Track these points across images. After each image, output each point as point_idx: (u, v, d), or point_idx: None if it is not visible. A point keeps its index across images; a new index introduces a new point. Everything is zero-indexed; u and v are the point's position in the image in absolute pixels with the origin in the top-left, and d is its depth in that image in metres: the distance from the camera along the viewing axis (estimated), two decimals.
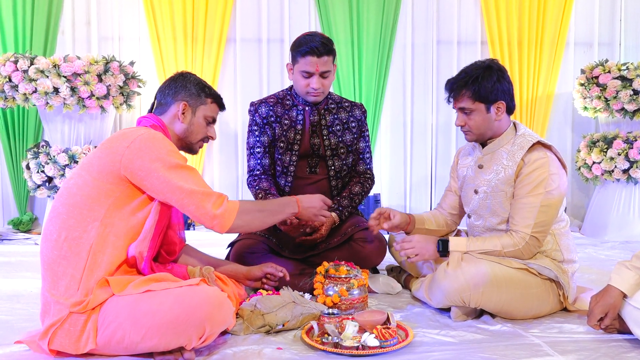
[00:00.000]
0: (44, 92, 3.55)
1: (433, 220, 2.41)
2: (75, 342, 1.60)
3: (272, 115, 2.55)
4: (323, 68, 2.41)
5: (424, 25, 4.60)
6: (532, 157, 2.06)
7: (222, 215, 1.73)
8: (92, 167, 1.70)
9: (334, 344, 1.73)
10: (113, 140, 1.74)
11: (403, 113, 4.63)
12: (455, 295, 1.98)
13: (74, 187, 1.70)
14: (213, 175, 4.51)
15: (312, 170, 2.59)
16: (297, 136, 2.54)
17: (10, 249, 3.56)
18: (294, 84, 2.53)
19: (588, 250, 3.54)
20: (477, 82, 2.06)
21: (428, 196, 4.68)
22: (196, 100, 1.91)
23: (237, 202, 1.80)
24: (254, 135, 2.57)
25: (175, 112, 1.89)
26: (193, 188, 1.70)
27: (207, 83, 1.98)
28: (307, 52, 2.38)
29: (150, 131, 1.75)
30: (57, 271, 1.64)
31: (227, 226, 1.76)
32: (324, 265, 2.21)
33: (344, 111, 2.63)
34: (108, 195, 1.67)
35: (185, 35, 4.33)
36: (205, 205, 1.71)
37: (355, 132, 2.63)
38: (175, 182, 1.68)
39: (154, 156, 1.68)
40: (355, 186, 2.61)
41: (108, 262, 1.65)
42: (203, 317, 1.57)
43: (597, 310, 1.81)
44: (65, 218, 1.66)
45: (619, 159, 3.88)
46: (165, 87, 1.94)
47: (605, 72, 3.97)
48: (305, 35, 2.46)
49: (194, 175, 1.74)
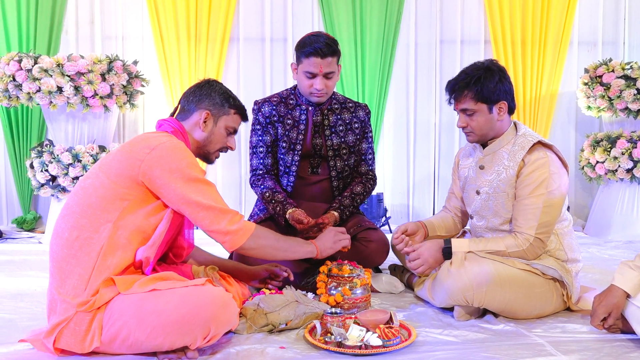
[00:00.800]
0: (48, 91, 3.56)
1: (443, 226, 2.40)
2: (80, 342, 1.61)
3: (275, 114, 2.55)
4: (327, 69, 2.41)
5: (427, 25, 4.59)
6: (533, 157, 2.05)
7: (236, 232, 1.74)
8: (111, 170, 1.70)
9: (336, 343, 1.73)
10: (134, 144, 1.74)
11: (406, 112, 4.63)
12: (459, 295, 1.98)
13: (90, 187, 1.70)
14: (216, 174, 4.52)
15: (314, 170, 2.59)
16: (300, 136, 2.54)
17: (14, 248, 3.57)
18: (298, 84, 2.52)
19: (591, 249, 3.54)
20: (479, 82, 2.05)
21: (431, 195, 4.67)
22: (219, 110, 1.90)
23: (252, 224, 1.81)
24: (257, 134, 2.57)
25: (197, 120, 1.88)
26: (211, 204, 1.71)
27: (233, 93, 1.97)
28: (311, 53, 2.37)
29: (172, 140, 1.74)
30: (65, 270, 1.65)
31: (239, 244, 1.76)
32: (327, 264, 2.21)
33: (348, 112, 2.63)
34: (123, 199, 1.67)
35: (189, 34, 4.34)
36: (220, 221, 1.72)
37: (358, 133, 2.63)
38: (192, 196, 1.68)
39: (174, 167, 1.68)
40: (357, 186, 2.61)
41: (117, 264, 1.65)
42: (208, 317, 1.57)
43: (600, 310, 1.81)
44: (78, 217, 1.67)
45: (623, 158, 3.87)
46: (190, 93, 1.93)
47: (609, 71, 3.95)
48: (309, 36, 2.45)
49: (211, 191, 1.74)
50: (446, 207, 2.47)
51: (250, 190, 4.50)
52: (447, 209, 2.46)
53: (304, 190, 2.57)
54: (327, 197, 2.60)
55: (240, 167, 4.53)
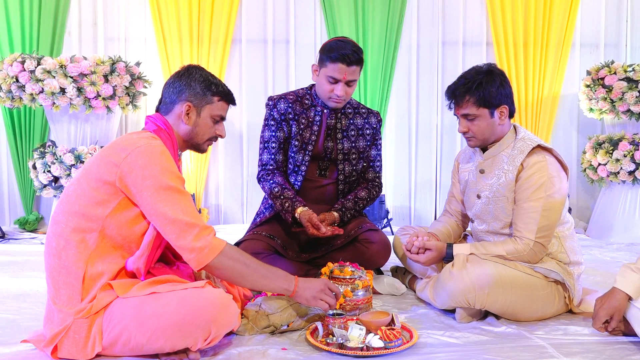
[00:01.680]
0: (51, 92, 3.57)
1: (451, 233, 2.38)
2: (82, 349, 1.60)
3: (290, 112, 2.52)
4: (350, 77, 2.39)
5: (430, 26, 4.60)
6: (531, 160, 2.05)
7: (201, 250, 1.61)
8: (91, 175, 1.65)
9: (338, 344, 1.73)
10: (113, 148, 1.67)
11: (408, 114, 4.63)
12: (460, 297, 1.98)
13: (73, 195, 1.66)
14: (218, 176, 4.52)
15: (322, 173, 2.59)
16: (313, 137, 2.53)
17: (16, 249, 3.57)
18: (318, 86, 2.50)
19: (593, 252, 3.53)
20: (481, 87, 2.04)
21: (433, 197, 4.67)
22: (201, 100, 1.80)
23: (223, 242, 1.67)
24: (270, 129, 2.53)
25: (179, 113, 1.79)
26: (177, 216, 1.59)
27: (215, 79, 1.85)
28: (338, 59, 2.34)
29: (150, 143, 1.65)
30: (58, 280, 1.63)
31: (203, 263, 1.62)
32: (328, 266, 2.21)
33: (360, 117, 2.62)
34: (105, 206, 1.62)
35: (191, 36, 4.34)
36: (186, 236, 1.60)
37: (369, 139, 2.63)
38: (160, 206, 1.59)
39: (147, 173, 1.60)
40: (362, 191, 2.60)
41: (108, 270, 1.63)
42: (209, 319, 1.57)
43: (602, 313, 1.81)
44: (63, 227, 1.64)
45: (625, 160, 3.87)
46: (170, 84, 1.82)
47: (611, 73, 3.95)
48: (337, 41, 2.42)
49: (183, 201, 1.62)
50: (447, 210, 2.46)
51: (253, 192, 4.51)
52: (449, 213, 2.45)
53: (310, 192, 2.57)
54: (331, 200, 2.59)
55: (243, 169, 4.54)
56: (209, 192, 4.53)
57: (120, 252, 1.67)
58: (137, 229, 1.66)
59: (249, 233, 2.53)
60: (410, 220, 4.63)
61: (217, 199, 4.53)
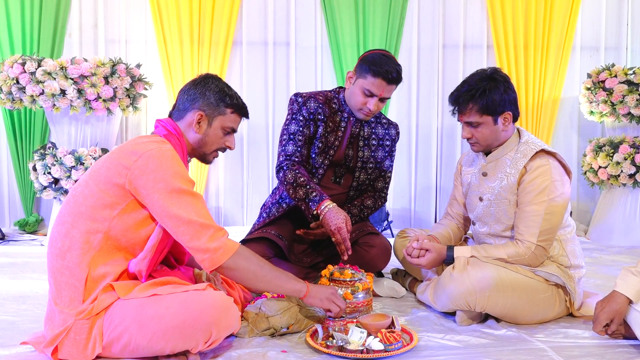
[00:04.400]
0: (51, 94, 3.56)
1: (452, 236, 2.37)
2: (82, 351, 1.60)
3: (320, 112, 2.48)
4: (387, 94, 2.39)
5: (430, 29, 4.60)
6: (534, 164, 2.04)
7: (215, 250, 1.62)
8: (100, 177, 1.66)
9: (338, 347, 1.73)
10: (123, 151, 1.68)
11: (408, 117, 4.62)
12: (461, 299, 1.98)
13: (80, 196, 1.66)
14: (218, 179, 4.52)
15: (337, 180, 2.58)
16: (336, 142, 2.51)
17: (16, 250, 3.57)
18: (350, 95, 2.46)
19: (594, 255, 3.53)
20: (484, 95, 2.02)
21: (433, 200, 4.66)
22: (214, 111, 1.80)
23: (237, 243, 1.69)
24: (298, 124, 2.46)
25: (190, 121, 1.79)
26: (191, 218, 1.60)
27: (231, 90, 1.84)
28: (380, 74, 2.32)
29: (161, 147, 1.66)
30: (60, 281, 1.64)
31: (218, 263, 1.62)
32: (328, 268, 2.21)
33: (382, 127, 2.62)
34: (113, 208, 1.63)
35: (192, 38, 4.35)
36: (200, 237, 1.61)
37: (387, 150, 2.62)
38: (173, 209, 1.60)
39: (159, 176, 1.60)
40: (369, 200, 2.60)
41: (111, 271, 1.64)
42: (209, 321, 1.57)
43: (602, 316, 1.81)
44: (69, 227, 1.64)
45: (625, 163, 3.87)
46: (185, 91, 1.83)
47: (612, 76, 3.95)
48: (381, 55, 2.39)
49: (196, 203, 1.64)
50: (449, 213, 2.46)
51: (253, 194, 4.51)
52: (450, 216, 2.44)
53: None
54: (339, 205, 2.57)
55: (243, 171, 4.53)
56: (210, 195, 4.52)
57: (124, 254, 1.67)
58: (143, 232, 1.67)
59: (257, 231, 2.50)
60: (410, 223, 4.62)
61: (218, 201, 4.52)
